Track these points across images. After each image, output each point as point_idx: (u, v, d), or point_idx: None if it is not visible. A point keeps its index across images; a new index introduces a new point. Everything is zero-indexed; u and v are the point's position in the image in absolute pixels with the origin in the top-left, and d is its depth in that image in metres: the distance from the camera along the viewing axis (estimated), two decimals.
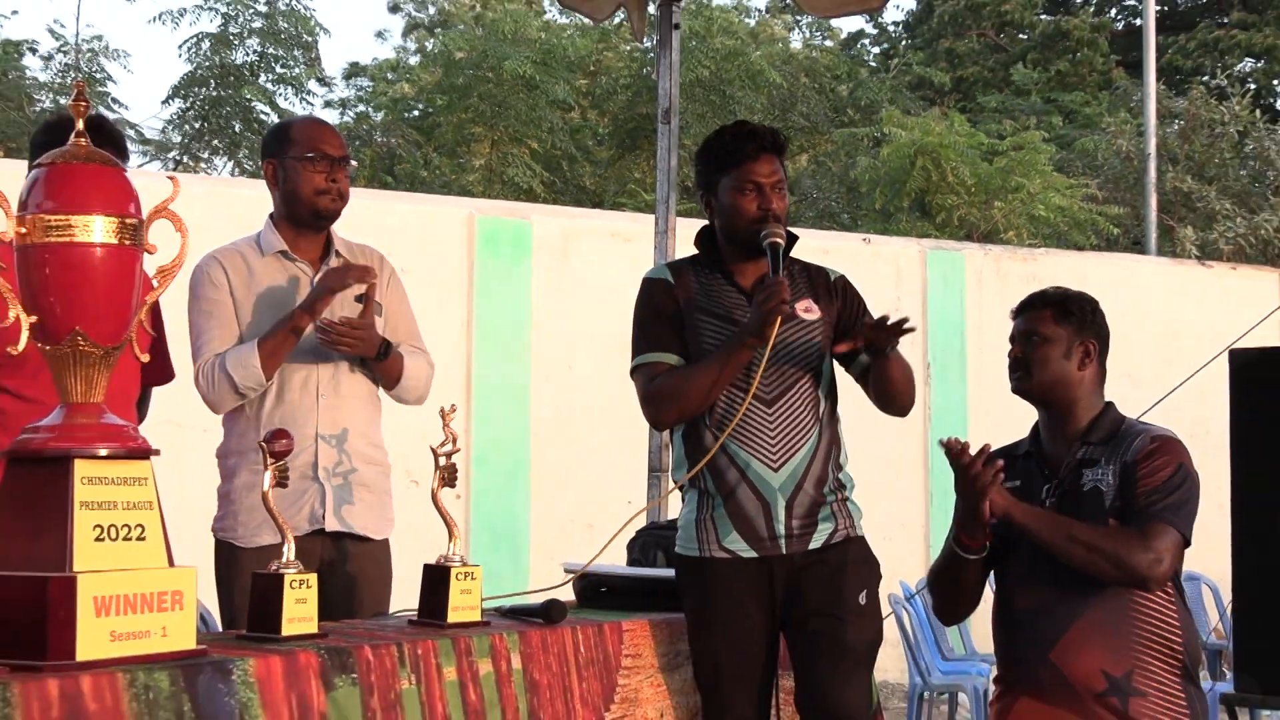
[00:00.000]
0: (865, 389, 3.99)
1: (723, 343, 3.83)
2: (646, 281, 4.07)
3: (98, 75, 17.26)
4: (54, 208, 2.76)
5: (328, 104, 18.75)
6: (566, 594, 4.11)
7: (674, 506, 5.02)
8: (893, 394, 3.90)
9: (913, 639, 8.90)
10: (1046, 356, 3.64)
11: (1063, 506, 3.59)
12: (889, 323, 3.66)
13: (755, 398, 3.80)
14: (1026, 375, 3.66)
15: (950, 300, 11.35)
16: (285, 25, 17.75)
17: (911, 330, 3.69)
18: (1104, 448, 3.64)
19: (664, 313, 3.96)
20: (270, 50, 17.81)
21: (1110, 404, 3.75)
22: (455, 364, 9.43)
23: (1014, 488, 3.69)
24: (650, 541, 4.50)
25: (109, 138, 4.06)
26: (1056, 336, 3.65)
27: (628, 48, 18.43)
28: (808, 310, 3.87)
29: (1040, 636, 3.58)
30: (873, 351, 3.77)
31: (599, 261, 10.38)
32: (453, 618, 3.47)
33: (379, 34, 25.23)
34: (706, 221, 4.11)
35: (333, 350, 4.11)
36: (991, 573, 3.84)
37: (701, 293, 3.95)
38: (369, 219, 4.39)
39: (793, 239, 3.96)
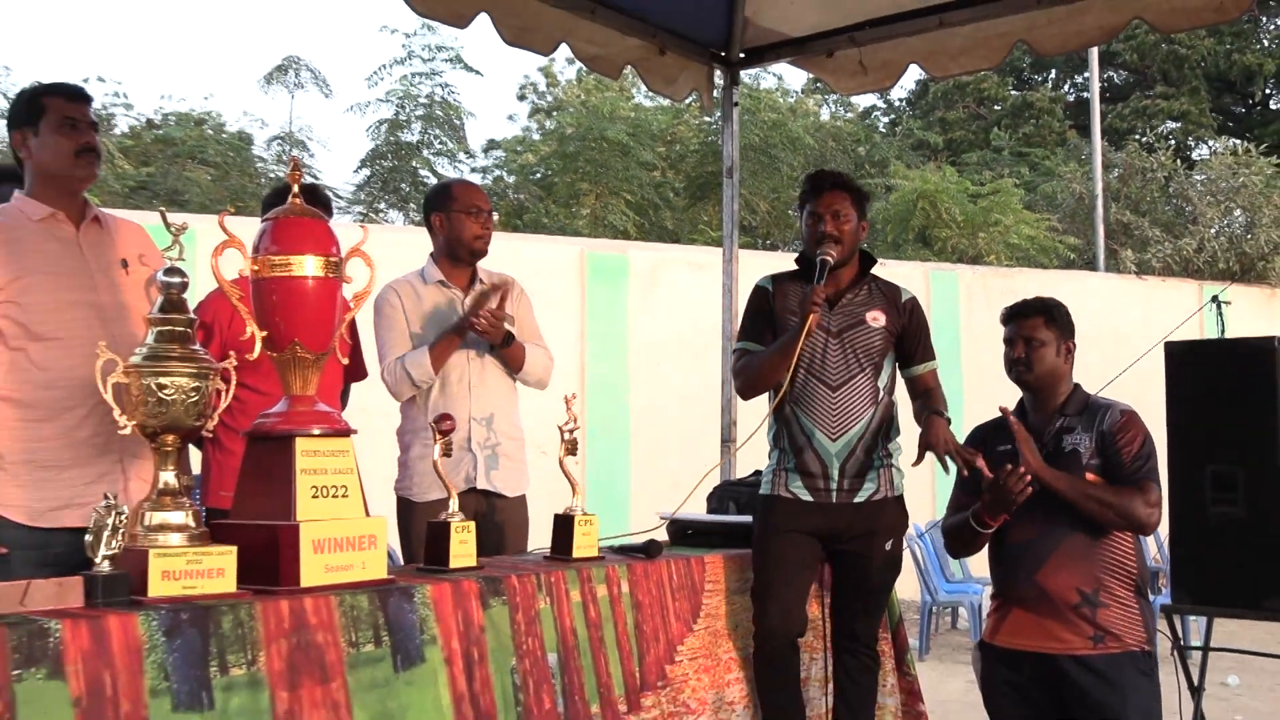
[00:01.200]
0: (909, 390, 4.01)
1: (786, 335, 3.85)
2: (755, 288, 4.07)
3: (306, 151, 17.54)
4: (277, 250, 2.80)
5: (473, 170, 18.87)
6: (661, 535, 4.11)
7: (741, 469, 5.02)
8: None
9: (923, 567, 8.90)
10: (1043, 355, 3.60)
11: (1049, 464, 3.56)
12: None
13: (823, 383, 3.81)
14: (1028, 370, 3.62)
15: (947, 309, 11.29)
16: (440, 113, 17.93)
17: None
18: (1078, 419, 3.60)
19: (760, 312, 3.99)
20: (431, 131, 18.01)
21: (1078, 385, 3.72)
22: (572, 365, 9.47)
23: (1006, 450, 3.67)
24: (725, 495, 4.49)
25: (320, 199, 4.12)
26: (1049, 339, 3.62)
27: (697, 121, 18.41)
28: (874, 319, 3.88)
29: (1028, 564, 3.54)
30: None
31: (680, 285, 10.38)
32: (577, 554, 3.48)
33: (510, 117, 25.53)
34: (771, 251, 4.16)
35: (473, 332, 4.12)
36: None
37: (792, 298, 3.93)
38: (505, 256, 4.41)
39: (871, 260, 4.01)
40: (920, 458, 3.75)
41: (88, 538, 2.46)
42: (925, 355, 4.01)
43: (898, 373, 4.01)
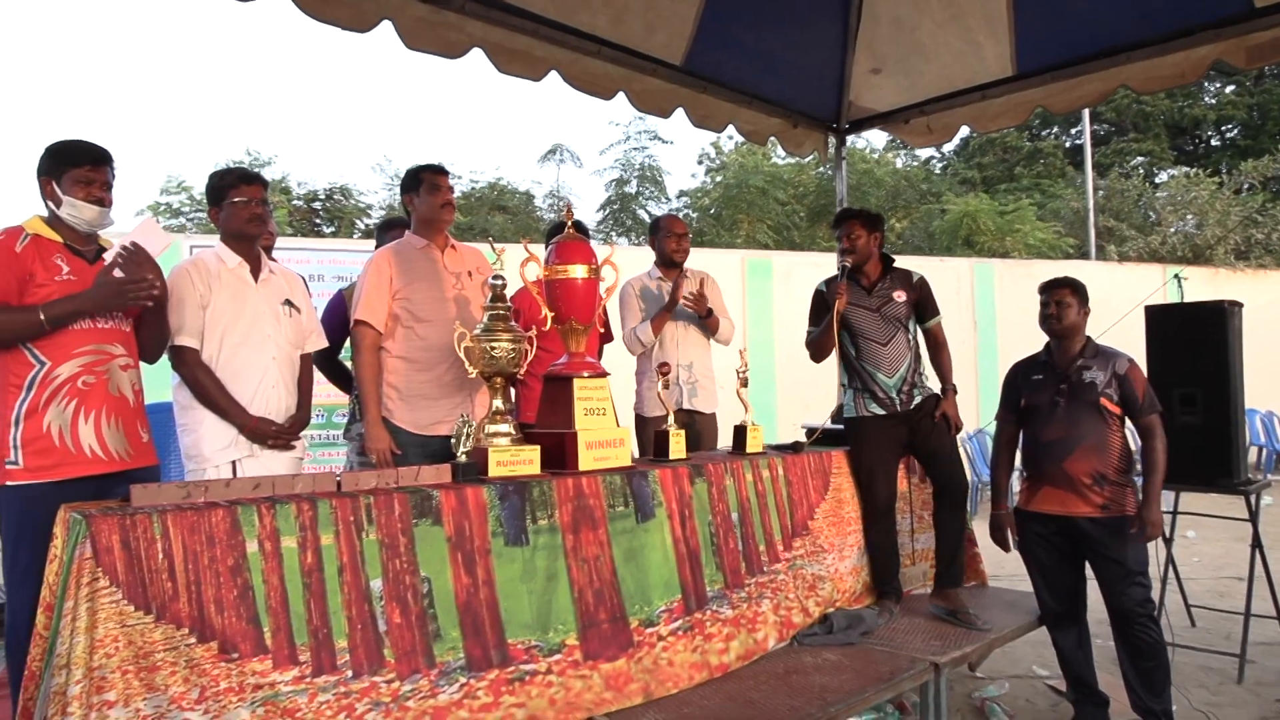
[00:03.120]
0: (926, 340, 3.83)
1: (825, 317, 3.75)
2: (815, 291, 3.91)
3: (568, 200, 17.83)
4: (559, 262, 2.84)
5: (670, 209, 18.81)
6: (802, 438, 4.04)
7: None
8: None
9: (971, 457, 8.56)
10: (1068, 313, 3.39)
11: (1072, 393, 3.37)
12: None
13: (875, 342, 3.68)
14: (1058, 322, 3.41)
15: (987, 290, 10.74)
16: (648, 173, 18.05)
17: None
18: (1094, 359, 3.38)
19: (818, 307, 3.84)
20: (643, 185, 18.11)
21: (1089, 336, 3.49)
22: (738, 332, 9.38)
23: (1038, 380, 3.48)
24: (841, 412, 4.40)
25: (582, 230, 4.16)
26: (1072, 303, 3.40)
27: (814, 171, 17.95)
28: (898, 296, 3.71)
29: (1056, 455, 3.34)
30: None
31: (807, 278, 10.17)
32: (749, 450, 3.46)
33: (692, 175, 25.30)
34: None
35: (691, 306, 4.12)
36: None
37: (834, 293, 3.76)
38: (695, 261, 4.43)
39: (890, 259, 3.81)
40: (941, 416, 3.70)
41: (452, 440, 2.55)
42: (933, 313, 3.81)
43: (917, 332, 3.82)
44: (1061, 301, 3.42)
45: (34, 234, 2.60)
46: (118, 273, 2.58)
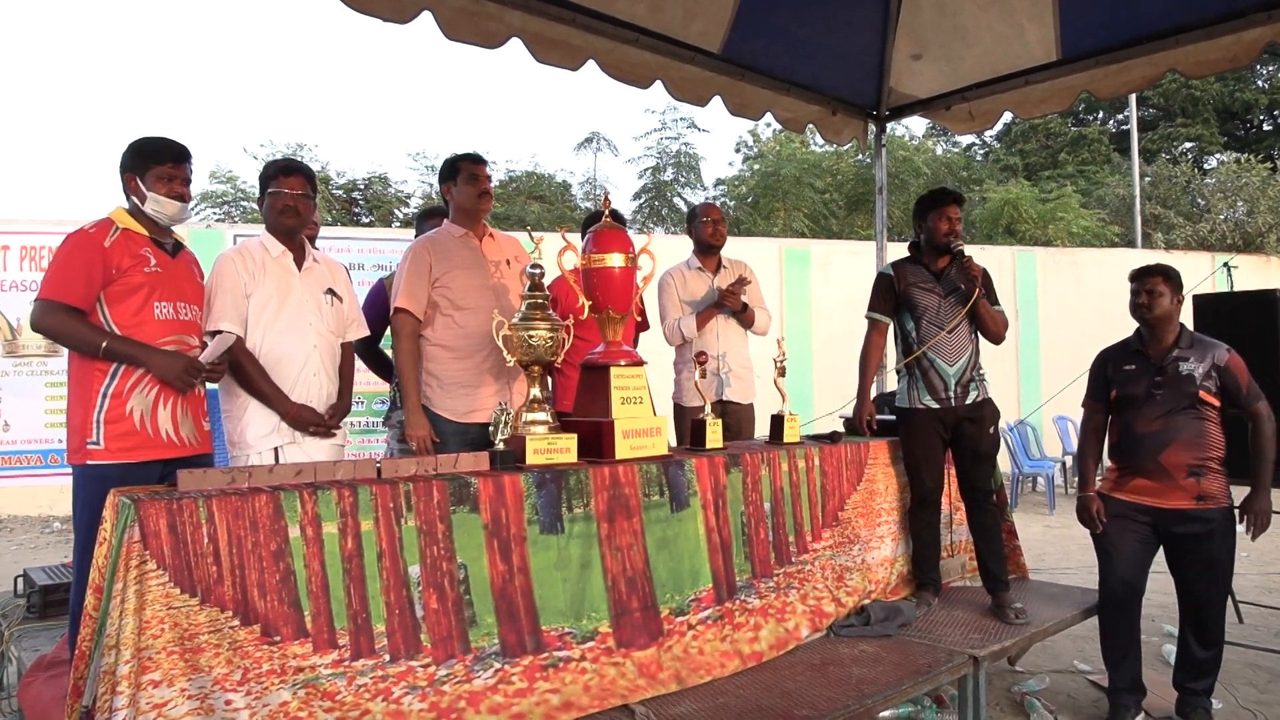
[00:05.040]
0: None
1: (931, 304, 3.64)
2: (880, 274, 3.85)
3: (602, 190, 17.80)
4: (596, 250, 2.83)
5: (706, 198, 18.68)
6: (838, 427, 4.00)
7: (889, 385, 4.84)
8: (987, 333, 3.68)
9: (1012, 449, 8.42)
10: (1160, 302, 3.28)
11: (1166, 384, 3.27)
12: None
13: (940, 329, 3.60)
14: (1149, 311, 3.30)
15: (1029, 278, 10.55)
16: (684, 161, 17.97)
17: None
18: (1191, 350, 3.27)
19: (885, 291, 3.75)
20: (679, 173, 18.04)
21: (1184, 324, 3.37)
22: (775, 321, 9.34)
23: (1130, 370, 3.37)
24: (880, 402, 4.33)
25: (619, 219, 4.14)
26: (1165, 291, 3.29)
27: (851, 158, 17.72)
28: (963, 284, 3.64)
29: (1153, 446, 3.25)
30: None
31: (844, 266, 10.08)
32: (786, 440, 3.43)
33: (729, 163, 25.08)
34: (905, 239, 3.92)
35: (726, 302, 4.11)
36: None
37: (911, 276, 3.70)
38: (731, 250, 4.39)
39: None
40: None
41: (490, 428, 2.56)
42: (992, 301, 3.69)
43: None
44: (1154, 290, 3.30)
45: (124, 227, 2.71)
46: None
